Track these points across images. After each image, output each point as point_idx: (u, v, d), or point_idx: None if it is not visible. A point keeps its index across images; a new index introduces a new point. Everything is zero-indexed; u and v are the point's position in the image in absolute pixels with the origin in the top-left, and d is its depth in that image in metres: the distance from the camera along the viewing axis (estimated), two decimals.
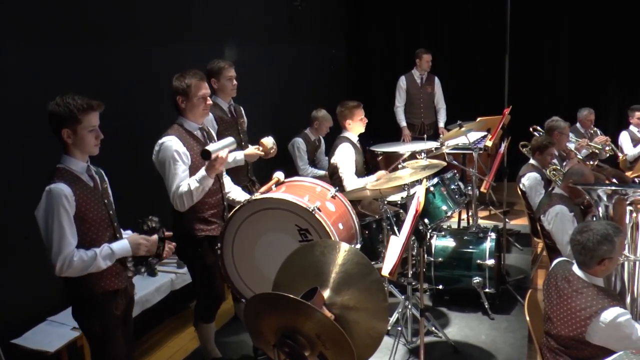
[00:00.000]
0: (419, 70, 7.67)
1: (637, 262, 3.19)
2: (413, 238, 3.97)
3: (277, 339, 2.25)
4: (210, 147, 3.41)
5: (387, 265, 3.07)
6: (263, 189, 3.73)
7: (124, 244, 2.89)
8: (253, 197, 3.53)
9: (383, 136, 7.40)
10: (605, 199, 3.25)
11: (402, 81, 7.72)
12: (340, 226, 3.47)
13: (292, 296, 2.16)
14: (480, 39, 8.73)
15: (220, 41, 5.67)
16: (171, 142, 3.49)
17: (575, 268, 2.98)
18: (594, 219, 3.45)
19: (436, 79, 7.74)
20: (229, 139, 3.56)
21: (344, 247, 2.48)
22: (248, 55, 6.05)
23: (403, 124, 7.68)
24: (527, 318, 3.10)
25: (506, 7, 8.19)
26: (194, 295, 4.11)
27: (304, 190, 3.62)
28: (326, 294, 2.42)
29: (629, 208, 3.17)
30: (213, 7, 5.51)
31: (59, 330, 3.63)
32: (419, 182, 4.38)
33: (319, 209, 3.32)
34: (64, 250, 2.71)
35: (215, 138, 3.98)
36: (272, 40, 6.62)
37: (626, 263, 3.18)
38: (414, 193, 3.53)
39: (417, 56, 7.61)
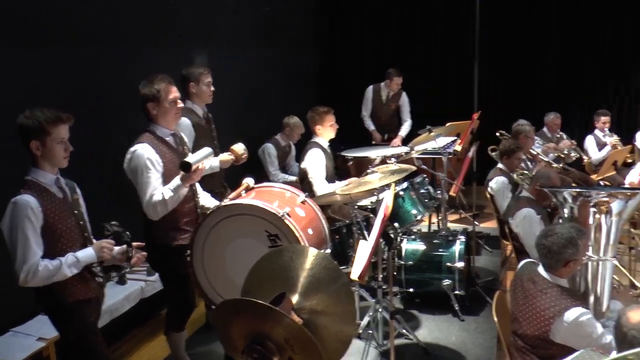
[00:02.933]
0: (387, 88, 7.67)
1: (600, 262, 3.26)
2: (383, 242, 3.99)
3: (246, 345, 2.25)
4: (190, 158, 3.40)
5: (356, 269, 3.10)
6: (232, 195, 3.72)
7: (88, 250, 2.90)
8: (222, 203, 3.52)
9: (355, 141, 7.44)
10: (570, 201, 3.32)
11: (369, 92, 7.76)
12: (310, 231, 3.48)
13: (260, 302, 2.17)
14: (450, 46, 8.85)
15: (190, 46, 5.65)
16: (143, 150, 3.44)
17: (541, 269, 3.05)
18: (560, 220, 3.52)
19: (404, 94, 7.73)
20: (207, 150, 3.55)
21: (312, 252, 2.49)
22: (218, 60, 6.03)
23: (372, 127, 7.75)
24: (495, 319, 3.14)
25: (475, 15, 8.33)
26: (165, 304, 4.08)
27: (273, 196, 3.62)
28: (294, 298, 2.42)
29: (592, 210, 3.23)
30: (183, 13, 5.49)
31: (23, 341, 3.57)
32: (389, 186, 4.42)
33: (288, 214, 3.33)
34: (29, 261, 2.73)
35: (188, 144, 3.96)
36: (242, 45, 6.61)
37: (590, 263, 3.25)
38: (383, 198, 3.56)
39: (387, 77, 7.60)
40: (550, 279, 3.00)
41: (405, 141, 7.43)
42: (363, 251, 3.22)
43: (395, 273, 4.86)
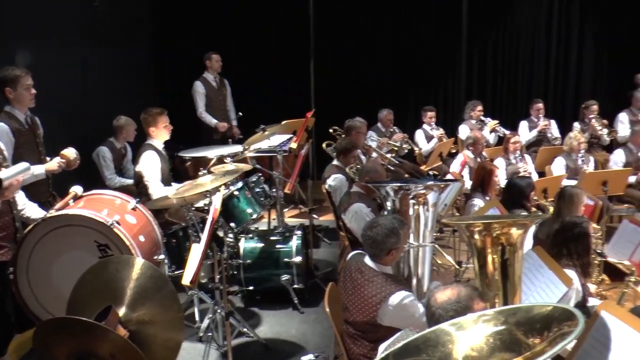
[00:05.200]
0: (211, 73, 7.56)
1: (420, 248, 3.53)
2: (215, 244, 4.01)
3: None
4: (2, 174, 3.18)
5: (188, 273, 3.10)
6: (59, 205, 3.58)
7: None
8: (47, 215, 3.37)
9: (194, 141, 7.35)
10: (392, 194, 3.55)
11: (200, 86, 7.54)
12: (142, 238, 3.44)
13: (83, 319, 2.13)
14: (285, 45, 9.01)
15: (10, 45, 5.26)
16: None
17: (367, 259, 3.25)
18: (385, 212, 3.76)
19: (225, 81, 7.72)
20: (23, 165, 3.34)
21: (139, 262, 2.48)
22: (43, 60, 5.67)
23: (214, 121, 7.51)
24: (327, 309, 3.29)
25: (309, 14, 8.59)
26: None
27: (102, 204, 3.54)
28: (121, 311, 2.40)
29: (412, 201, 3.48)
30: (6, 8, 5.09)
31: None
32: (226, 186, 4.47)
33: (118, 222, 3.27)
34: None
35: (7, 151, 3.72)
36: (70, 44, 6.25)
37: (411, 250, 3.51)
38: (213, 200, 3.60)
39: (207, 58, 7.52)
40: (376, 267, 3.20)
41: (241, 140, 7.46)
42: (195, 255, 3.24)
43: (235, 272, 4.91)
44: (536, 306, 1.92)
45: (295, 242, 4.91)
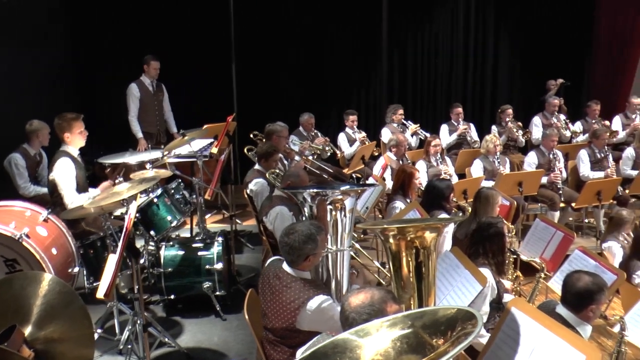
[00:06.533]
0: (148, 77, 7.39)
1: (338, 252, 3.58)
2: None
3: None
4: None
5: (102, 286, 3.03)
6: None
7: None
8: None
9: (116, 146, 7.15)
10: (309, 200, 3.58)
11: (135, 89, 7.29)
12: (54, 251, 3.34)
13: None
14: (206, 48, 8.90)
15: None
16: None
17: (285, 265, 3.26)
18: (303, 218, 3.79)
19: (163, 86, 7.58)
20: None
21: (46, 278, 2.41)
22: None
23: (140, 135, 7.23)
24: (247, 317, 3.30)
25: (230, 18, 8.52)
26: None
27: (10, 216, 3.41)
28: (27, 330, 2.31)
29: (329, 207, 3.52)
30: None
31: None
32: (145, 193, 4.39)
33: (27, 235, 3.16)
34: None
35: None
36: None
37: (329, 254, 3.55)
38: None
39: (145, 62, 7.35)
40: (294, 273, 3.22)
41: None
42: (110, 267, 3.16)
43: (156, 281, 4.82)
44: (441, 309, 2.00)
45: (216, 249, 4.88)
